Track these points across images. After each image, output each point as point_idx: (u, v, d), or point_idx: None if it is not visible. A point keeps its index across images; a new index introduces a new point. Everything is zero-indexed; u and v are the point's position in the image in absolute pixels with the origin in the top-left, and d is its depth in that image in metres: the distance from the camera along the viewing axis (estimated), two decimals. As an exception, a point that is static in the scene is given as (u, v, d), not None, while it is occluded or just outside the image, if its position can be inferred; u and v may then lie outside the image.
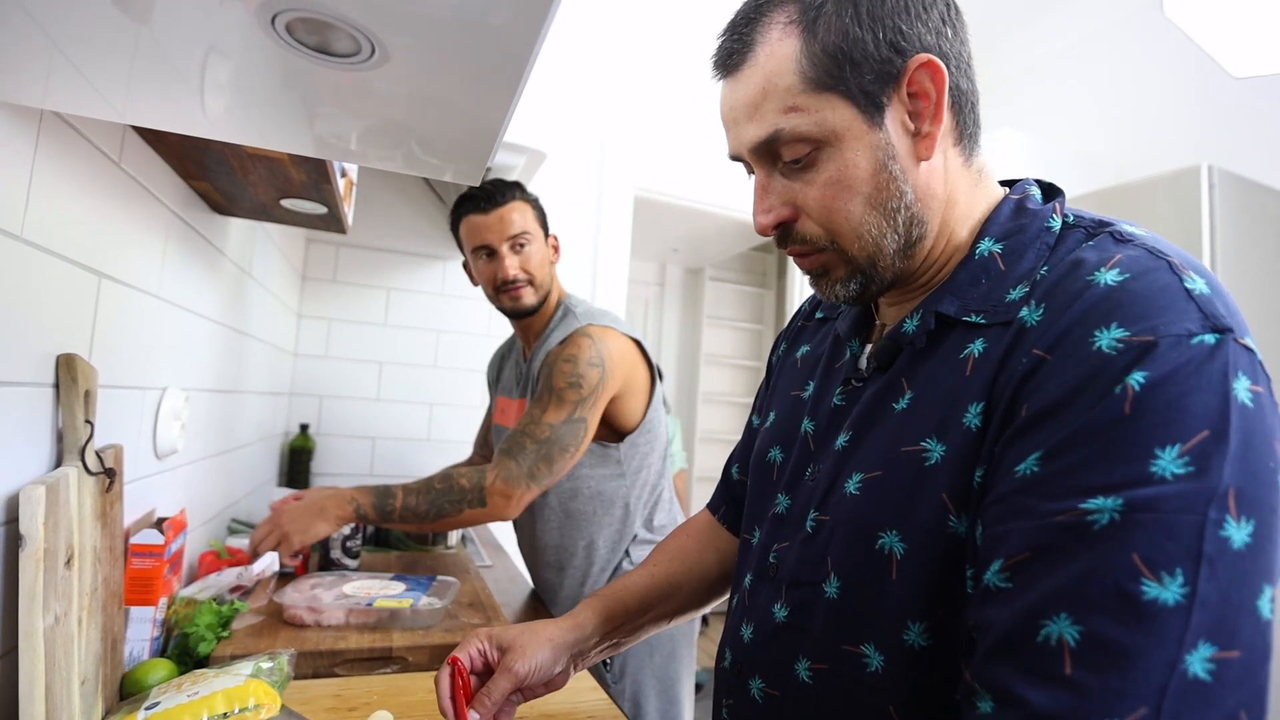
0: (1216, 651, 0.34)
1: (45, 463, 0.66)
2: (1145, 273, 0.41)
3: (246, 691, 0.67)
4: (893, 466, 0.48)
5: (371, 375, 2.26)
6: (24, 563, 0.56)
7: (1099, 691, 0.34)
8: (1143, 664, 0.34)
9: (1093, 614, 0.35)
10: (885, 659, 0.47)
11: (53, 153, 0.64)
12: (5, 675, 0.58)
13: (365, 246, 2.26)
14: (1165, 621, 0.34)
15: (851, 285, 0.53)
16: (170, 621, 0.88)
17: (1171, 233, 1.70)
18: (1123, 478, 0.36)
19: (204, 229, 1.14)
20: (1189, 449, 0.36)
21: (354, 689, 0.81)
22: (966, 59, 0.51)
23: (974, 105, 0.53)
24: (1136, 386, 0.37)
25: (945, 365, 0.48)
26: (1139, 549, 0.35)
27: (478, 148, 0.60)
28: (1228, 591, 0.35)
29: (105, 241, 0.77)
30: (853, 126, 0.48)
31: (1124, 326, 0.39)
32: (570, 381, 1.17)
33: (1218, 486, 0.35)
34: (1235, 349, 0.39)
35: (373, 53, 0.43)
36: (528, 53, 0.43)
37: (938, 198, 0.51)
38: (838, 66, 0.47)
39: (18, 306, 0.60)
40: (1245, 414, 0.37)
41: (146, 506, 0.93)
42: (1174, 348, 0.38)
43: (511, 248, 1.27)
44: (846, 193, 0.49)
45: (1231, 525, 0.35)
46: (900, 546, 0.46)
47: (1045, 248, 0.48)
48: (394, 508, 1.12)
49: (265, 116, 0.57)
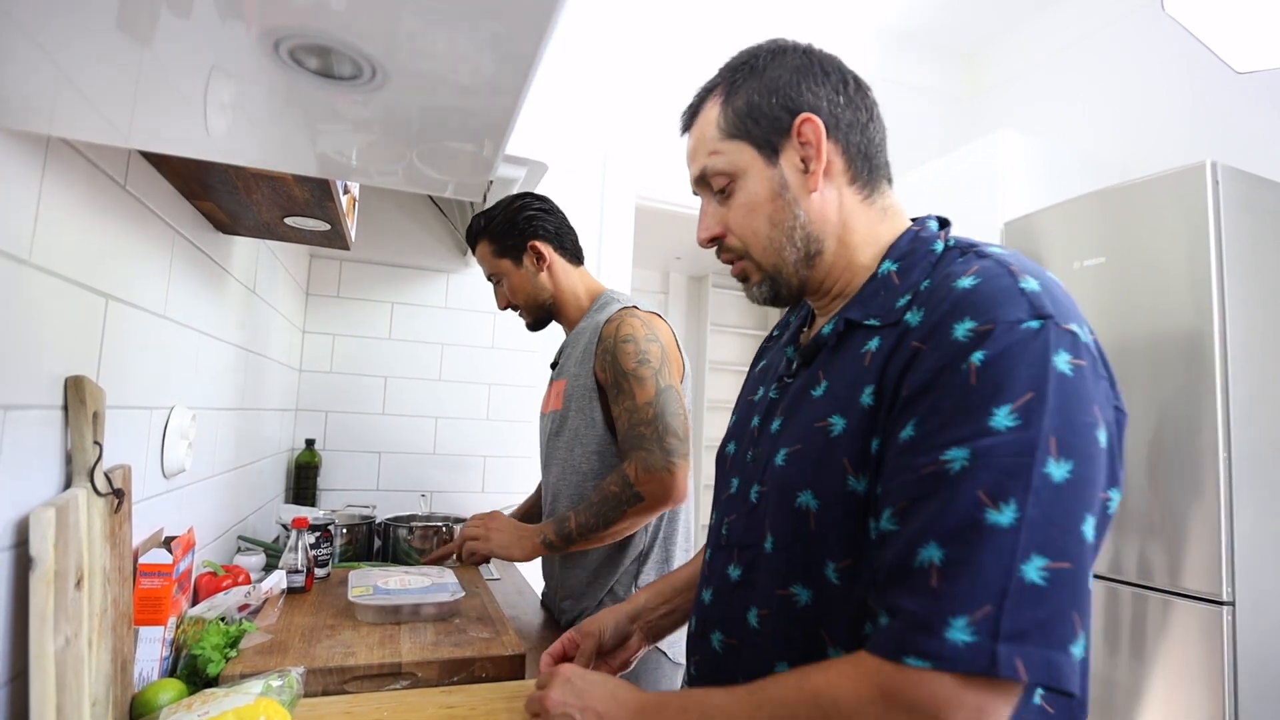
0: (1049, 563, 0.45)
1: (55, 484, 0.67)
2: (991, 278, 0.53)
3: (257, 710, 0.67)
4: (808, 440, 0.61)
5: (377, 389, 2.27)
6: (34, 585, 0.56)
7: (953, 596, 0.45)
8: (986, 572, 0.45)
9: (951, 539, 0.46)
10: (812, 594, 0.59)
11: (59, 178, 0.65)
12: (17, 698, 0.58)
13: (369, 261, 2.27)
14: (1001, 539, 0.45)
15: (764, 288, 0.68)
16: (179, 641, 0.88)
17: (1178, 230, 1.69)
18: (970, 432, 0.48)
19: (209, 248, 1.15)
20: (1017, 407, 0.47)
21: (364, 705, 0.80)
22: (861, 122, 0.66)
23: (868, 157, 0.66)
24: (978, 362, 0.49)
25: (850, 359, 0.61)
26: (982, 485, 0.46)
27: (478, 164, 0.60)
28: (1052, 515, 0.45)
29: (112, 263, 0.78)
30: (754, 164, 0.65)
31: (973, 319, 0.51)
32: (638, 360, 1.21)
33: (1039, 435, 0.46)
34: (1057, 331, 0.50)
35: (374, 75, 0.43)
36: (526, 71, 0.43)
37: (831, 222, 0.65)
38: (743, 122, 0.65)
39: (27, 330, 0.61)
40: (1064, 380, 0.48)
41: (155, 526, 0.93)
42: (1006, 331, 0.49)
43: (494, 284, 1.41)
44: (753, 214, 0.66)
45: (1052, 464, 0.46)
46: (815, 503, 0.58)
47: (929, 265, 0.60)
48: (571, 530, 1.21)
49: (269, 138, 0.57)
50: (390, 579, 1.17)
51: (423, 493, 2.24)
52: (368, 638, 0.99)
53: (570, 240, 1.41)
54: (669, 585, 0.90)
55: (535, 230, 1.36)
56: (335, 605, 1.15)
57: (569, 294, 1.38)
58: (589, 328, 1.32)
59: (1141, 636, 1.67)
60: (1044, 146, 2.45)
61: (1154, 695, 1.63)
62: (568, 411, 1.30)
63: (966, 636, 0.44)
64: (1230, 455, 1.56)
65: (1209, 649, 1.53)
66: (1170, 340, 1.68)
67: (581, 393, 1.28)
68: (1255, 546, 1.57)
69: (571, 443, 1.29)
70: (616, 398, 1.22)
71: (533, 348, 2.40)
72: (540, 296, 1.37)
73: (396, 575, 1.20)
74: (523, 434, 2.37)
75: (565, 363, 1.36)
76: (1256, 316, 1.65)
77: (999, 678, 0.43)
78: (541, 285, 1.37)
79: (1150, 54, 2.46)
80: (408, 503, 2.14)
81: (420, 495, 2.18)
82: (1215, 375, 1.58)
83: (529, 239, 1.35)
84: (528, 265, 1.36)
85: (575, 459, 1.28)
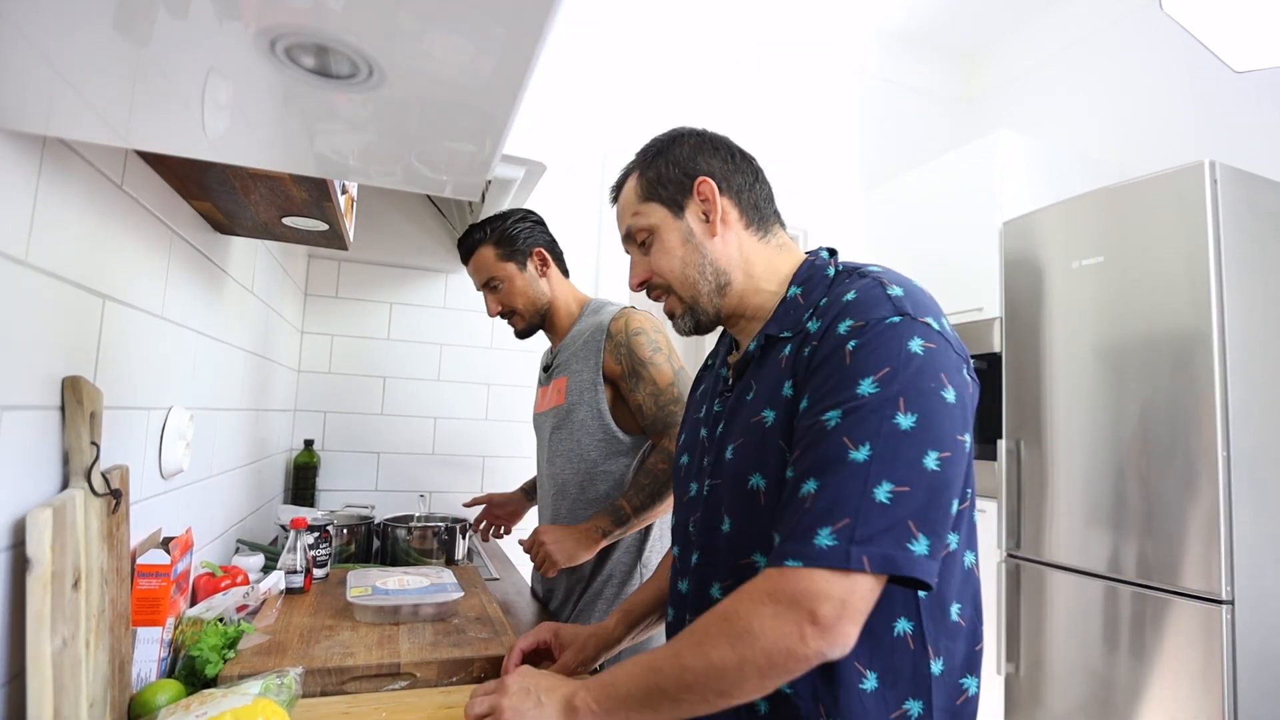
0: (894, 487, 0.59)
1: (52, 485, 0.66)
2: (866, 290, 0.69)
3: (255, 711, 0.67)
4: (749, 434, 0.73)
5: (375, 389, 2.27)
6: (31, 586, 0.56)
7: (820, 512, 0.60)
8: (845, 494, 0.59)
9: (821, 472, 0.61)
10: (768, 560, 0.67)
11: (56, 178, 0.65)
12: (14, 699, 0.58)
13: (367, 262, 2.27)
14: (857, 470, 0.60)
15: (687, 319, 0.83)
16: (178, 642, 0.88)
17: (1176, 230, 1.70)
18: (843, 398, 0.63)
19: (206, 248, 1.14)
20: (878, 378, 0.62)
21: (362, 706, 0.80)
22: (748, 181, 0.82)
23: (758, 206, 0.82)
24: (851, 348, 0.65)
25: (771, 366, 0.75)
26: (846, 433, 0.61)
27: (477, 162, 0.60)
28: (899, 451, 0.60)
29: (109, 264, 0.78)
30: (666, 220, 0.82)
31: (851, 319, 0.67)
32: (653, 348, 1.31)
33: (890, 395, 0.61)
34: (912, 323, 0.65)
35: (371, 74, 0.43)
36: (524, 70, 0.43)
37: (734, 260, 0.80)
38: (654, 188, 0.82)
39: (23, 330, 0.61)
40: (914, 357, 0.63)
41: (152, 526, 0.93)
42: (874, 325, 0.65)
43: (489, 290, 1.44)
44: (669, 257, 0.81)
45: (900, 416, 0.61)
46: (763, 482, 0.71)
47: (825, 286, 0.75)
48: (627, 514, 1.26)
49: (267, 137, 0.57)
50: (389, 579, 1.18)
51: (421, 493, 2.24)
52: (366, 638, 0.99)
53: (560, 254, 1.51)
54: (640, 614, 0.99)
55: (536, 239, 1.45)
56: (334, 606, 1.15)
57: (562, 301, 1.47)
58: (587, 328, 1.40)
59: (1140, 635, 1.67)
60: (1043, 147, 2.46)
61: (1153, 694, 1.63)
62: (572, 404, 1.36)
63: (830, 541, 0.58)
64: (1229, 454, 1.56)
65: (1208, 648, 1.53)
66: (1168, 339, 1.68)
67: (586, 385, 1.35)
68: (1254, 545, 1.57)
69: (578, 432, 1.35)
70: (636, 386, 1.30)
71: (531, 348, 2.40)
72: (540, 300, 1.44)
73: (395, 575, 1.21)
74: (521, 434, 2.37)
75: (564, 361, 1.42)
76: (1255, 316, 1.65)
77: (850, 570, 0.57)
78: (542, 290, 1.45)
79: (1149, 54, 2.46)
80: (407, 503, 2.14)
81: (419, 496, 2.17)
82: (1214, 374, 1.58)
83: (534, 245, 1.44)
84: (532, 269, 1.44)
85: (583, 447, 1.34)
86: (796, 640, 0.58)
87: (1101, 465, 1.81)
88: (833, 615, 0.57)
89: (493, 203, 1.78)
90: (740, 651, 0.60)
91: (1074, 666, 1.82)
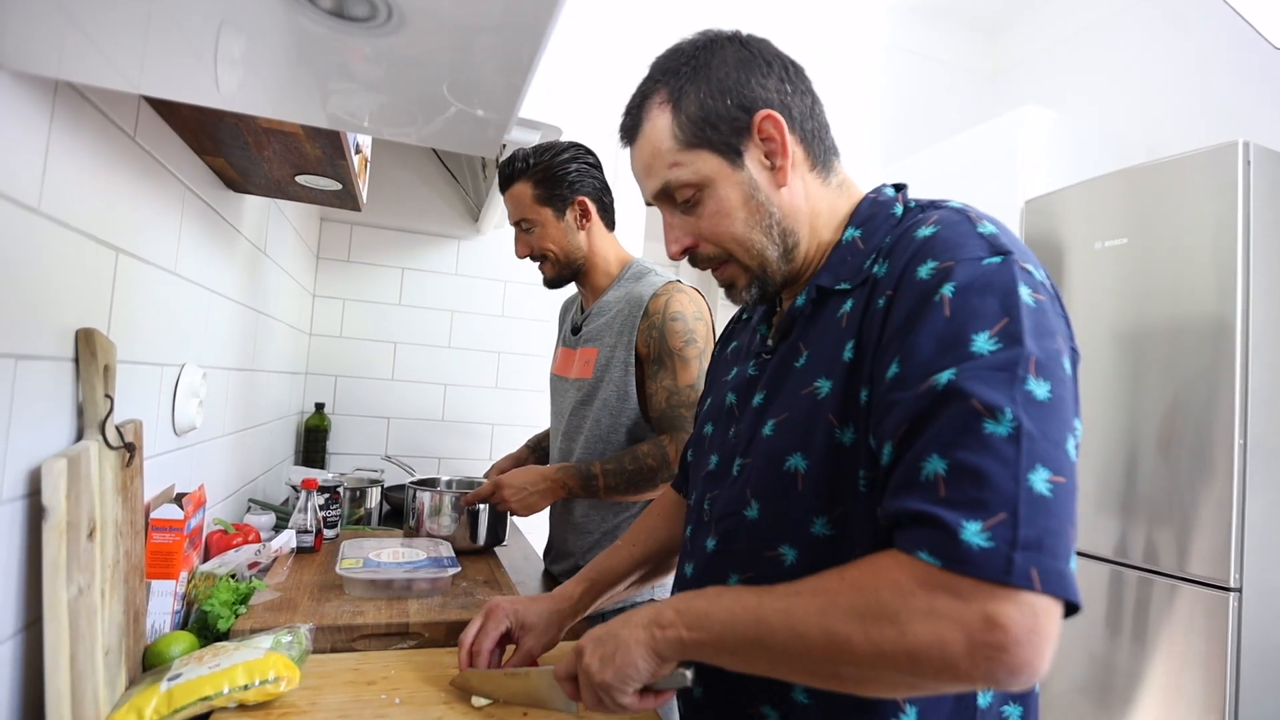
0: (1051, 475, 0.45)
1: (66, 436, 0.67)
2: (949, 224, 0.56)
3: (266, 664, 0.67)
4: (796, 408, 0.61)
5: (386, 355, 2.27)
6: (47, 534, 0.57)
7: (965, 503, 0.45)
8: (994, 480, 0.44)
9: (952, 450, 0.46)
10: (798, 552, 0.59)
11: (68, 126, 0.64)
12: (31, 646, 0.59)
13: (379, 226, 2.25)
14: (1003, 448, 0.45)
15: (752, 289, 0.67)
16: (190, 596, 0.89)
17: (1204, 211, 1.65)
18: (955, 358, 0.49)
19: (219, 206, 1.13)
20: (995, 332, 0.49)
21: (371, 663, 0.81)
22: (809, 105, 0.66)
23: (821, 138, 0.67)
24: (949, 294, 0.51)
25: (827, 325, 0.62)
26: (976, 398, 0.46)
27: (493, 120, 0.59)
28: (1045, 429, 0.46)
29: (122, 217, 0.77)
30: (721, 171, 0.63)
31: (935, 260, 0.53)
32: (686, 340, 1.20)
33: (1021, 354, 0.47)
34: (1017, 268, 0.52)
35: (389, 16, 0.42)
36: (546, 17, 0.41)
37: (802, 212, 0.65)
38: (700, 129, 0.63)
39: (37, 280, 0.60)
40: (1030, 310, 0.50)
41: (166, 482, 0.94)
42: (969, 266, 0.52)
43: (520, 229, 1.30)
44: (727, 220, 0.64)
45: (1034, 382, 0.47)
46: (804, 464, 0.59)
47: (891, 226, 0.62)
48: (598, 487, 1.20)
49: (280, 85, 0.56)
50: (383, 551, 1.10)
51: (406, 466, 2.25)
52: (376, 598, 1.00)
53: (610, 202, 1.34)
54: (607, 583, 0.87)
55: (585, 185, 1.29)
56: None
57: (600, 259, 1.32)
58: (624, 297, 1.27)
59: (1145, 620, 1.67)
60: (1068, 124, 2.39)
61: (1154, 679, 1.63)
62: (600, 381, 1.26)
63: (983, 542, 0.43)
64: (1246, 442, 1.54)
65: (1213, 635, 1.53)
66: (1190, 324, 1.65)
67: (617, 364, 1.25)
68: (1266, 534, 1.56)
69: (600, 413, 1.26)
70: (657, 374, 1.21)
71: (542, 316, 2.39)
72: (575, 254, 1.30)
73: (390, 547, 1.13)
74: (531, 402, 2.38)
75: (597, 331, 1.30)
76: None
77: (1013, 585, 0.42)
78: (578, 243, 1.30)
79: (1180, 30, 2.38)
80: (417, 468, 2.15)
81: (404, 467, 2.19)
82: (1235, 361, 1.55)
83: (578, 193, 1.28)
84: (570, 220, 1.28)
85: (604, 429, 1.26)
86: (962, 655, 0.43)
87: (1114, 449, 1.79)
88: (1018, 638, 0.42)
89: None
90: (874, 638, 0.46)
91: (1074, 649, 1.83)
